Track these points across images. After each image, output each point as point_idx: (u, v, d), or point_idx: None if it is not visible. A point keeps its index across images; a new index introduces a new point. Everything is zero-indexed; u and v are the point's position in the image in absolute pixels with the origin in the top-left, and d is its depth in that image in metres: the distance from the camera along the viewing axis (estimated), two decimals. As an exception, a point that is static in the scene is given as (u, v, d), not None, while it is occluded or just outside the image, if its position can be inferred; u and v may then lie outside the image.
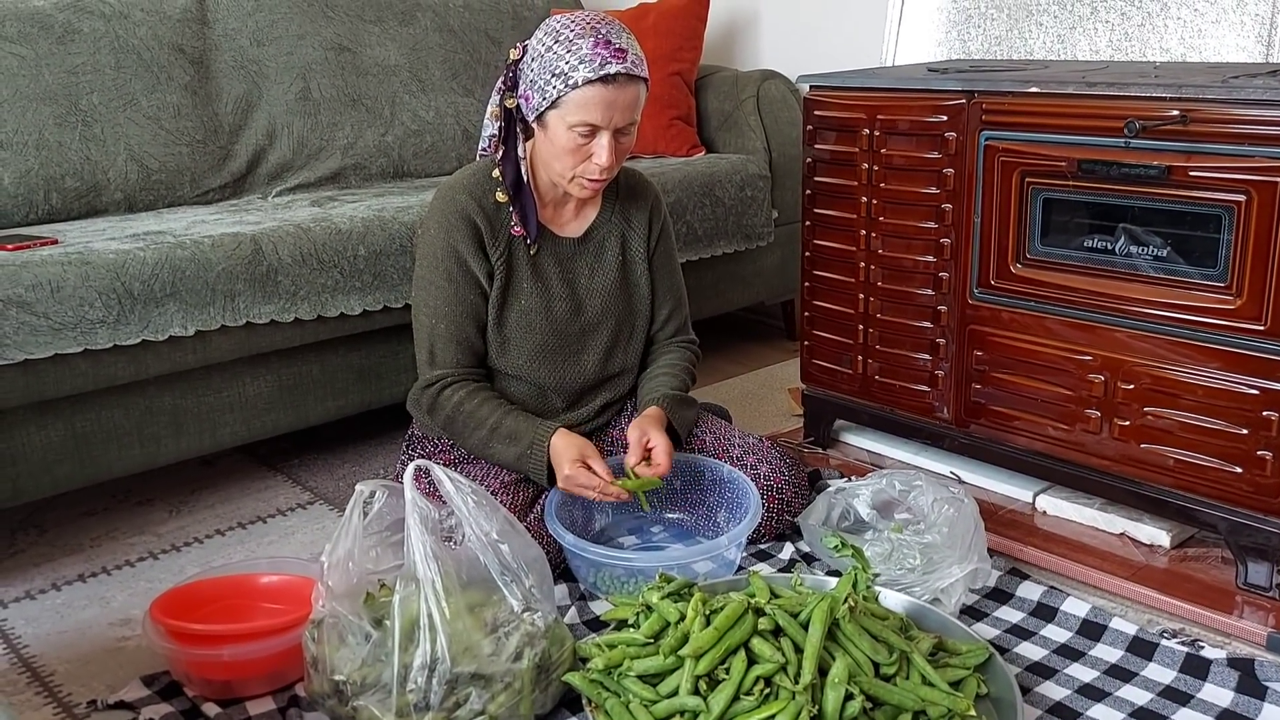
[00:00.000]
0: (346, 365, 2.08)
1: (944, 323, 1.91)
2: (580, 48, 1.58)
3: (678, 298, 1.91)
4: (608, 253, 1.82)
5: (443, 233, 1.72)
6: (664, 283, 1.89)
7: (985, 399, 1.88)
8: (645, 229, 1.85)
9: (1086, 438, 1.76)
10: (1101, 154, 1.65)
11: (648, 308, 1.87)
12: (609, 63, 1.58)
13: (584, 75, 1.58)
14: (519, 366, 1.77)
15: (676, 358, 1.89)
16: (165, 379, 1.87)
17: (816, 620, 1.32)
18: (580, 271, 1.81)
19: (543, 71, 1.61)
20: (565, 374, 1.79)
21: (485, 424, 1.69)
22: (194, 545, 1.90)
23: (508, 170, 1.72)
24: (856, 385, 2.07)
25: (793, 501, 1.79)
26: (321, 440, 2.29)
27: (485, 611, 1.40)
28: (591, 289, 1.81)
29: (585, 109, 1.59)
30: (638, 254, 1.85)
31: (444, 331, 1.73)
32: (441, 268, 1.72)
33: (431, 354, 1.74)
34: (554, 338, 1.78)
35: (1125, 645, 1.52)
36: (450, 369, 1.73)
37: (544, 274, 1.77)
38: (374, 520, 1.48)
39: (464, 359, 1.74)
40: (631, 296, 1.85)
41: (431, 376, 1.74)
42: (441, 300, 1.72)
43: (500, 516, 1.45)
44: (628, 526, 1.87)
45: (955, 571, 1.56)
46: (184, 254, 1.84)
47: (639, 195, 1.86)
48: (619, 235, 1.84)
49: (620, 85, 1.59)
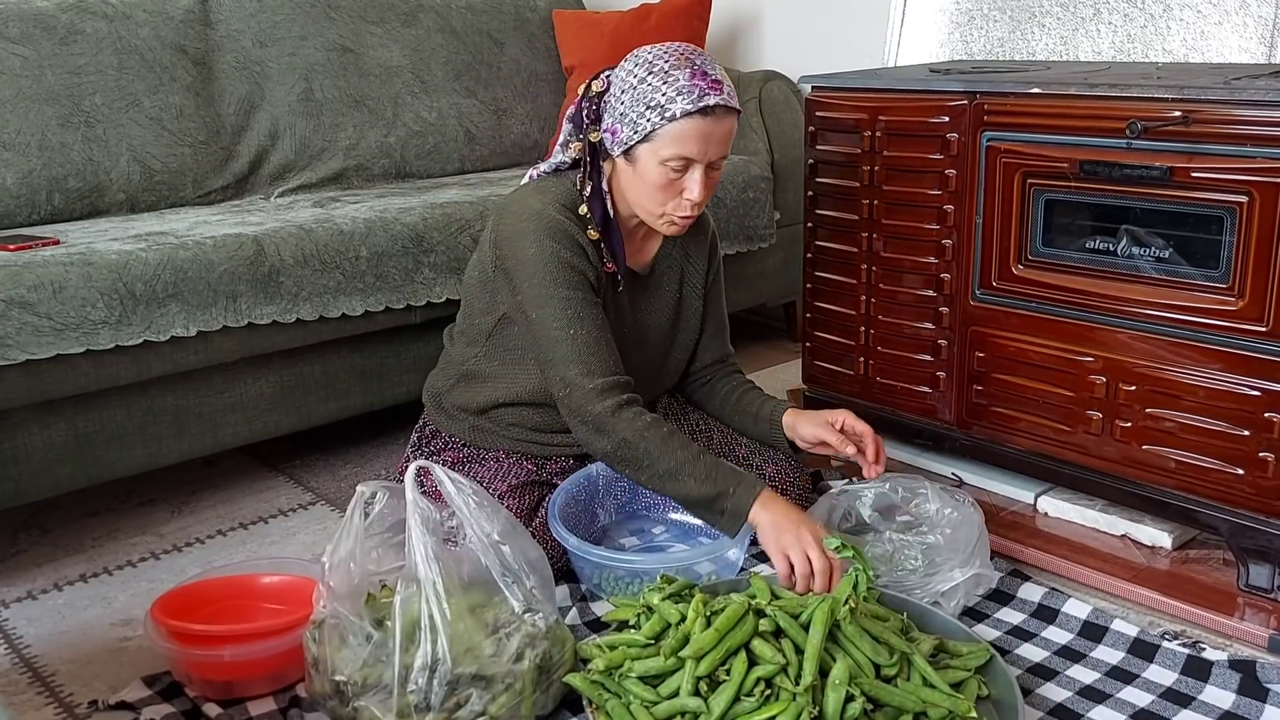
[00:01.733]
0: (348, 366, 2.08)
1: (945, 324, 1.91)
2: (677, 79, 1.54)
3: (724, 327, 1.94)
4: (666, 287, 1.82)
5: (553, 249, 1.61)
6: (715, 316, 1.91)
7: (987, 400, 1.88)
8: (705, 264, 1.85)
9: (1088, 439, 1.75)
10: (1103, 155, 1.65)
11: (694, 341, 1.88)
12: (707, 94, 1.54)
13: (682, 107, 1.53)
14: None
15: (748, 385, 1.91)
16: (167, 379, 1.87)
17: (817, 622, 1.32)
18: (641, 304, 1.80)
19: (635, 104, 1.56)
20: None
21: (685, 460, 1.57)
22: (196, 545, 1.90)
23: (595, 208, 1.66)
24: (858, 386, 2.07)
25: (796, 502, 1.79)
26: (323, 441, 2.30)
27: (486, 613, 1.40)
28: (651, 323, 1.81)
29: (682, 142, 1.55)
30: (694, 289, 1.85)
31: (588, 337, 1.60)
32: (562, 280, 1.61)
33: (585, 363, 1.59)
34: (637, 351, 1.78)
35: (1126, 647, 1.52)
36: (617, 374, 1.61)
37: (620, 308, 1.75)
38: (375, 521, 1.48)
39: (616, 365, 1.62)
40: (681, 331, 1.86)
41: (599, 386, 1.58)
42: (577, 307, 1.61)
43: (502, 517, 1.45)
44: (630, 527, 1.87)
45: (956, 575, 1.56)
46: (186, 255, 1.84)
47: (700, 230, 1.85)
48: (679, 270, 1.83)
49: (718, 118, 1.56)
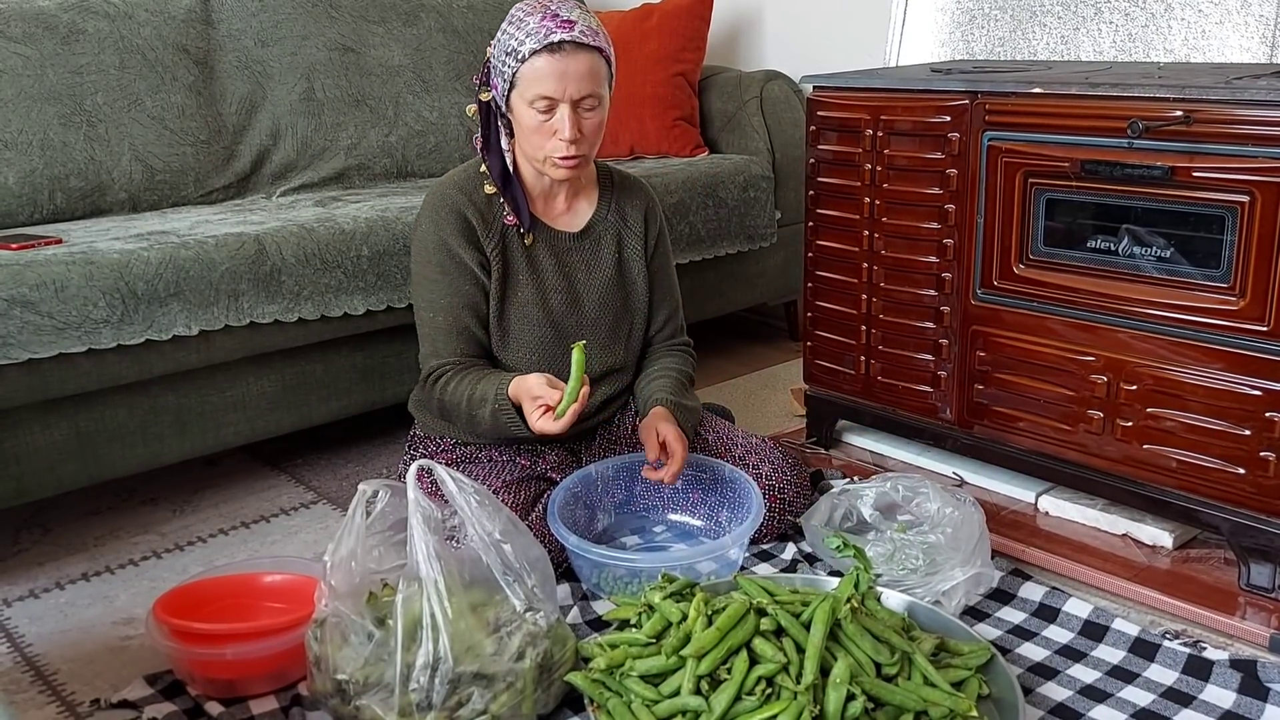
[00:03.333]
0: (350, 365, 2.08)
1: (947, 323, 1.91)
2: (528, 23, 1.62)
3: (674, 302, 1.93)
4: (604, 249, 1.83)
5: (433, 227, 1.74)
6: (662, 286, 1.91)
7: (988, 399, 1.88)
8: (642, 229, 1.86)
9: (1089, 438, 1.75)
10: (1104, 154, 1.65)
11: (645, 306, 1.88)
12: (554, 32, 1.60)
13: (530, 47, 1.61)
14: (519, 360, 1.78)
15: (674, 361, 1.90)
16: (169, 378, 1.87)
17: (818, 620, 1.32)
18: (577, 266, 1.82)
19: (500, 55, 1.66)
20: (564, 366, 1.79)
21: (463, 397, 1.68)
22: (197, 544, 1.90)
23: (493, 164, 1.74)
24: (859, 386, 2.07)
25: (794, 502, 1.79)
26: (325, 440, 2.30)
27: (487, 611, 1.40)
28: (590, 284, 1.82)
29: (538, 81, 1.61)
30: (634, 253, 1.86)
31: (442, 324, 1.74)
32: (434, 261, 1.73)
33: (434, 347, 1.75)
34: (552, 330, 1.78)
35: (1127, 646, 1.52)
36: (450, 357, 1.74)
37: (540, 266, 1.78)
38: (377, 520, 1.48)
39: (465, 348, 1.75)
40: (629, 294, 1.86)
41: (429, 369, 1.75)
42: (437, 294, 1.74)
43: (503, 516, 1.45)
44: (630, 526, 1.87)
45: (958, 574, 1.56)
46: (188, 254, 1.85)
47: (634, 194, 1.88)
48: (615, 233, 1.85)
49: (568, 54, 1.61)
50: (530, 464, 1.80)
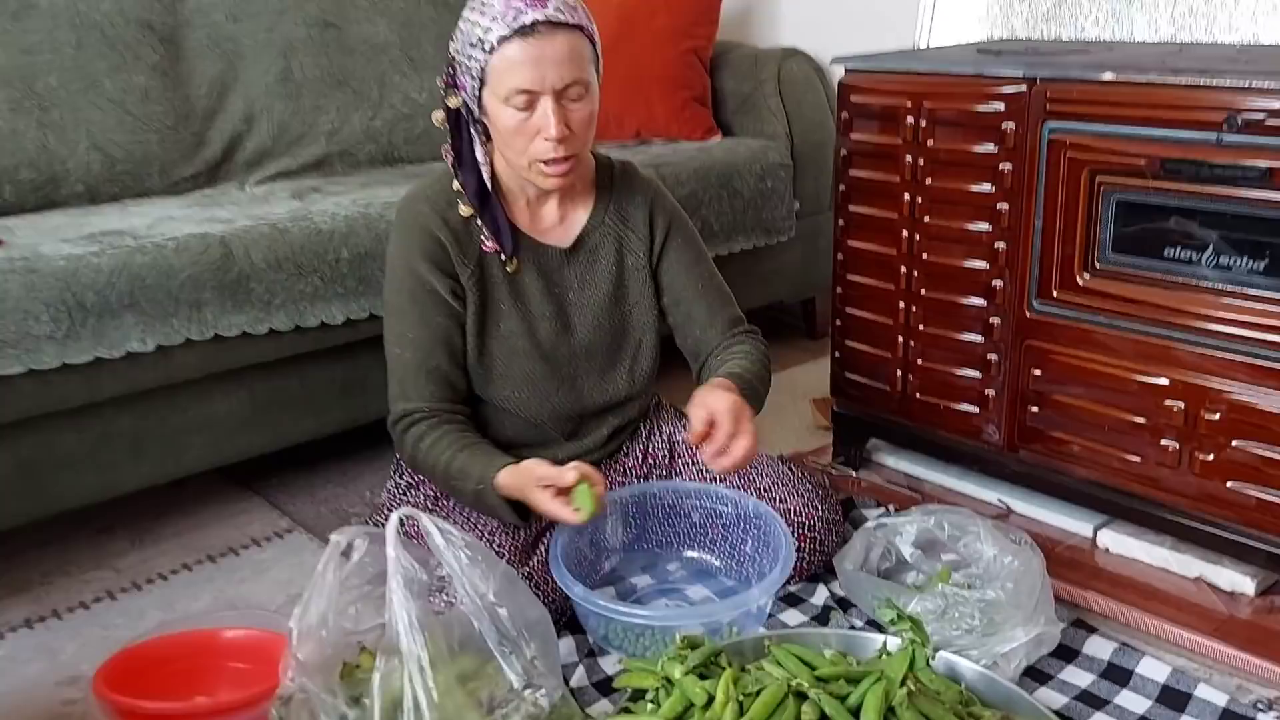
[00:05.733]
0: (329, 379, 1.88)
1: (997, 337, 1.70)
2: (493, 6, 1.39)
3: (717, 295, 1.64)
4: (601, 261, 1.59)
5: (401, 249, 1.52)
6: (692, 284, 1.62)
7: (1042, 423, 1.68)
8: (646, 231, 1.60)
9: (1161, 472, 1.55)
10: (1188, 151, 1.44)
11: (651, 325, 1.62)
12: (524, 12, 1.37)
13: (498, 34, 1.37)
14: (507, 399, 1.56)
15: (742, 347, 1.61)
16: (123, 400, 1.67)
17: (870, 708, 1.13)
18: (569, 285, 1.58)
19: (463, 48, 1.42)
20: (559, 404, 1.58)
21: (439, 462, 1.47)
22: (157, 583, 1.70)
23: (467, 181, 1.50)
24: (894, 403, 1.87)
25: (826, 540, 1.59)
26: (302, 457, 2.09)
27: (480, 688, 1.21)
28: (582, 305, 1.58)
29: (511, 72, 1.38)
30: (637, 263, 1.60)
31: (411, 361, 1.51)
32: (404, 289, 1.51)
33: (402, 388, 1.53)
34: (542, 364, 1.56)
35: (1215, 718, 1.33)
36: (422, 403, 1.51)
37: (525, 292, 1.55)
38: (354, 573, 1.29)
39: (437, 392, 1.52)
40: (629, 313, 1.61)
41: (397, 413, 1.53)
42: (406, 325, 1.51)
43: (499, 573, 1.26)
44: (641, 564, 1.68)
45: (1020, 634, 1.36)
46: (143, 259, 1.64)
47: (635, 190, 1.61)
48: (615, 241, 1.59)
49: (544, 36, 1.38)
50: (531, 499, 1.60)
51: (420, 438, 1.49)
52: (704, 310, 1.63)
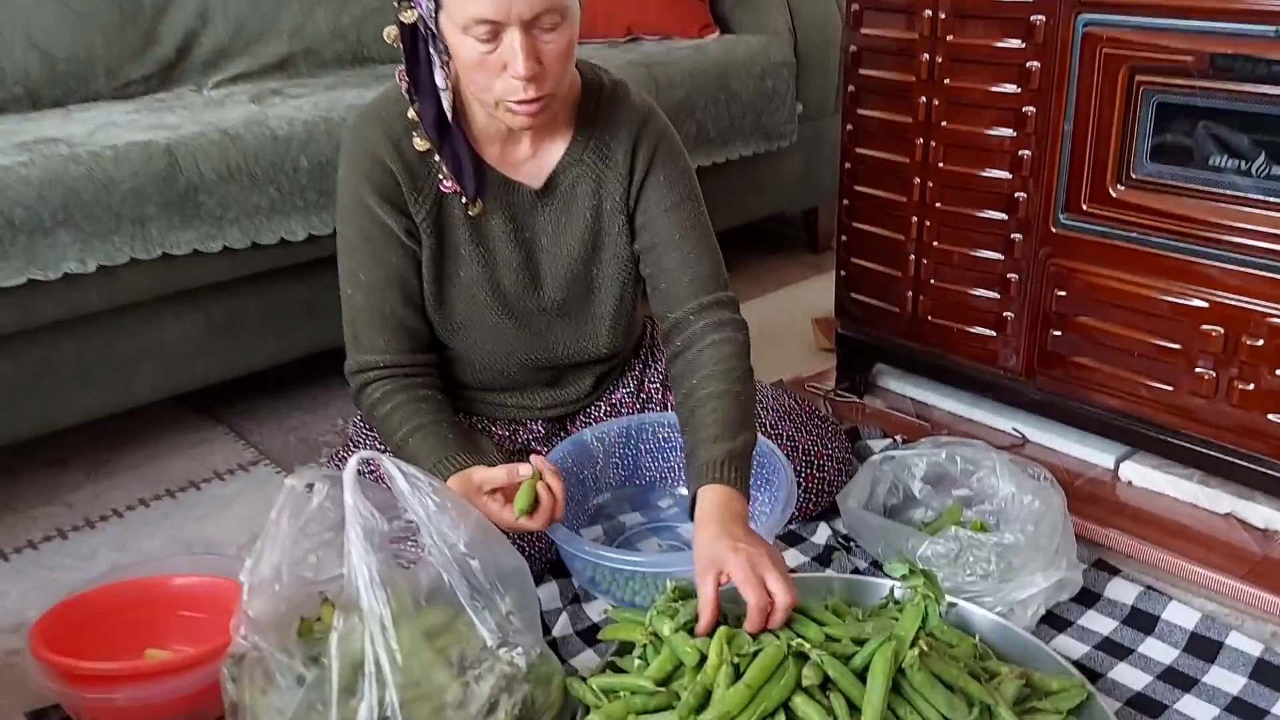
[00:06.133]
0: (291, 300, 1.73)
1: (1018, 255, 1.56)
2: None
3: (695, 244, 1.37)
4: (577, 205, 1.37)
5: (351, 179, 1.32)
6: (667, 228, 1.36)
7: (1064, 348, 1.55)
8: (626, 166, 1.36)
9: (1194, 401, 1.43)
10: (1241, 46, 1.28)
11: (632, 274, 1.41)
12: None
13: None
14: (471, 349, 1.40)
15: (719, 359, 1.31)
16: (64, 325, 1.53)
17: (878, 670, 1.02)
18: (541, 232, 1.37)
19: None
20: (530, 358, 1.42)
21: (391, 434, 1.33)
22: (111, 520, 1.59)
23: (425, 110, 1.27)
24: (904, 326, 1.73)
25: (834, 479, 1.47)
26: (268, 384, 1.96)
27: (449, 645, 1.10)
28: (554, 255, 1.38)
29: (469, 1, 1.14)
30: (615, 204, 1.37)
31: (364, 305, 1.34)
32: (353, 223, 1.33)
33: (355, 334, 1.36)
34: (507, 319, 1.38)
35: (1249, 671, 1.23)
36: (376, 355, 1.35)
37: (489, 237, 1.35)
38: (314, 519, 1.16)
39: (394, 342, 1.35)
40: (606, 265, 1.40)
41: (353, 365, 1.37)
42: (358, 264, 1.34)
43: (470, 521, 1.14)
44: (634, 501, 1.56)
45: (1039, 580, 1.26)
46: (78, 171, 1.48)
47: (620, 119, 1.36)
48: (593, 180, 1.36)
49: None
50: (510, 435, 1.48)
51: (375, 403, 1.34)
52: (676, 260, 1.36)
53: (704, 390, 1.29)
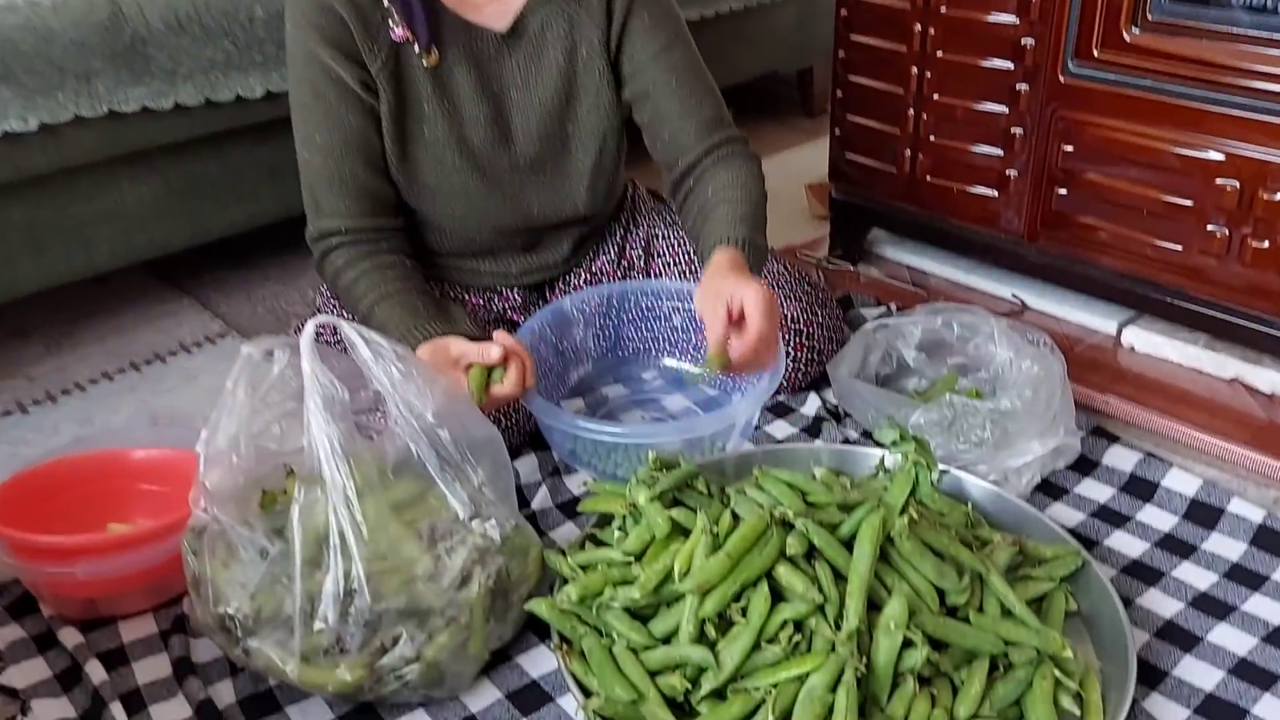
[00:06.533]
0: (253, 162, 1.64)
1: (1024, 106, 1.47)
2: None
3: (693, 87, 1.32)
4: (549, 50, 1.28)
5: (299, 30, 1.22)
6: (661, 74, 1.30)
7: (1069, 207, 1.47)
8: (603, 6, 1.28)
9: (1204, 261, 1.36)
10: None
11: (613, 126, 1.34)
12: None
13: None
14: (439, 214, 1.32)
15: (729, 174, 1.30)
16: (11, 187, 1.44)
17: (865, 539, 0.97)
18: (509, 82, 1.28)
19: None
20: (503, 222, 1.34)
21: (359, 308, 1.26)
22: (74, 394, 1.53)
23: None
24: (901, 187, 1.65)
25: (824, 348, 1.41)
26: (236, 254, 1.88)
27: (419, 517, 1.05)
28: (526, 106, 1.29)
29: None
30: (592, 48, 1.29)
31: (322, 169, 1.26)
32: (305, 81, 1.23)
33: (315, 199, 1.28)
34: (478, 180, 1.29)
35: (1249, 537, 1.19)
36: (339, 220, 1.26)
37: (452, 90, 1.26)
38: (275, 388, 1.10)
39: (355, 207, 1.26)
40: (584, 115, 1.32)
41: (314, 232, 1.29)
42: (313, 126, 1.25)
43: (438, 390, 1.08)
44: (617, 373, 1.50)
45: (1035, 447, 1.21)
46: (14, 20, 1.37)
47: None
48: (565, 21, 1.28)
49: None
50: (484, 304, 1.41)
51: (338, 271, 1.27)
52: (676, 107, 1.31)
53: (719, 196, 1.28)
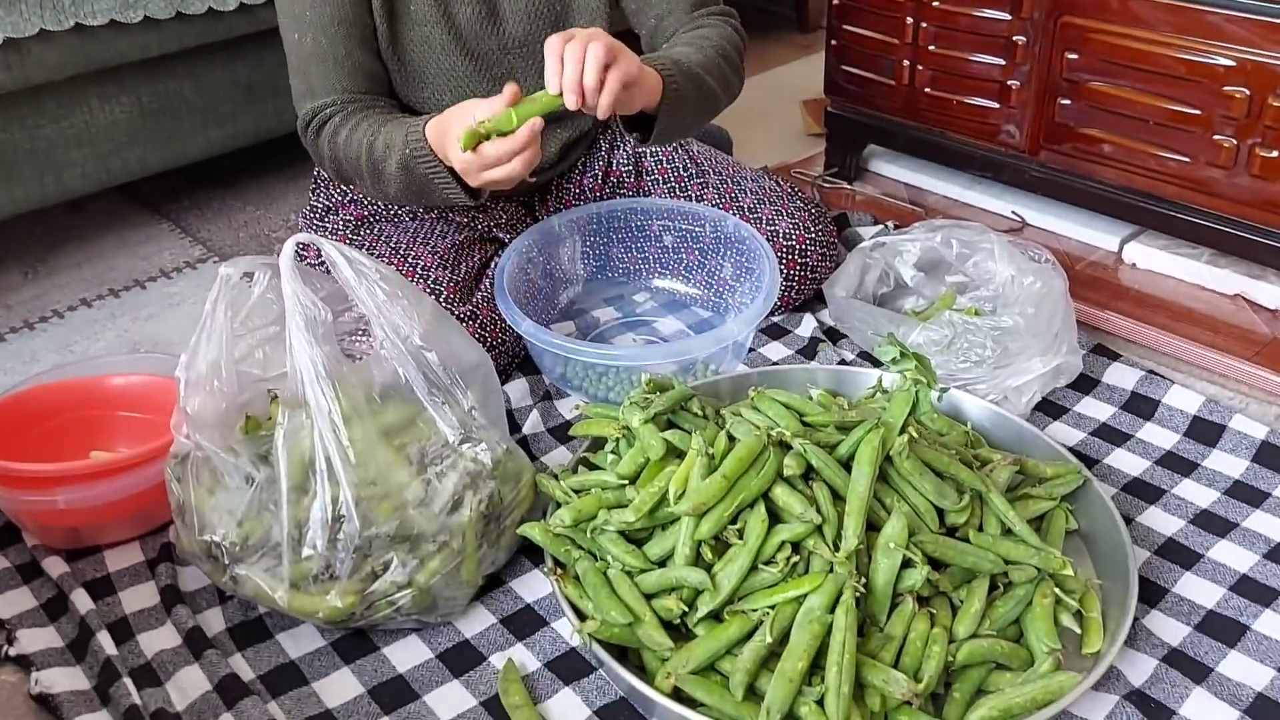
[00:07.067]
0: (229, 81, 1.58)
1: (1026, 13, 1.42)
2: None
3: None
4: None
5: None
6: None
7: (1072, 119, 1.43)
8: None
9: (1210, 173, 1.32)
10: None
11: (601, 7, 1.30)
12: None
13: None
14: (426, 102, 1.28)
15: (705, 31, 1.28)
16: (-26, 107, 1.39)
17: (864, 459, 0.95)
18: None
19: None
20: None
21: (361, 149, 1.18)
22: (52, 321, 1.49)
23: None
24: (900, 101, 1.60)
25: (819, 266, 1.38)
26: (216, 177, 1.83)
27: (408, 443, 1.03)
28: None
29: None
30: None
31: (311, 48, 1.21)
32: None
33: (307, 83, 1.23)
34: (465, 61, 1.26)
35: (1251, 454, 1.17)
36: (333, 96, 1.22)
37: None
38: (256, 310, 1.07)
39: (351, 83, 1.23)
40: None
41: (306, 115, 1.24)
42: (304, 4, 1.20)
43: (425, 311, 1.05)
44: (605, 295, 1.47)
45: (1036, 365, 1.19)
46: (-32, -74, 1.31)
47: None
48: None
49: None
50: (469, 222, 1.36)
51: (336, 131, 1.21)
52: (665, 5, 1.30)
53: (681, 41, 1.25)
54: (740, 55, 1.30)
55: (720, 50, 1.25)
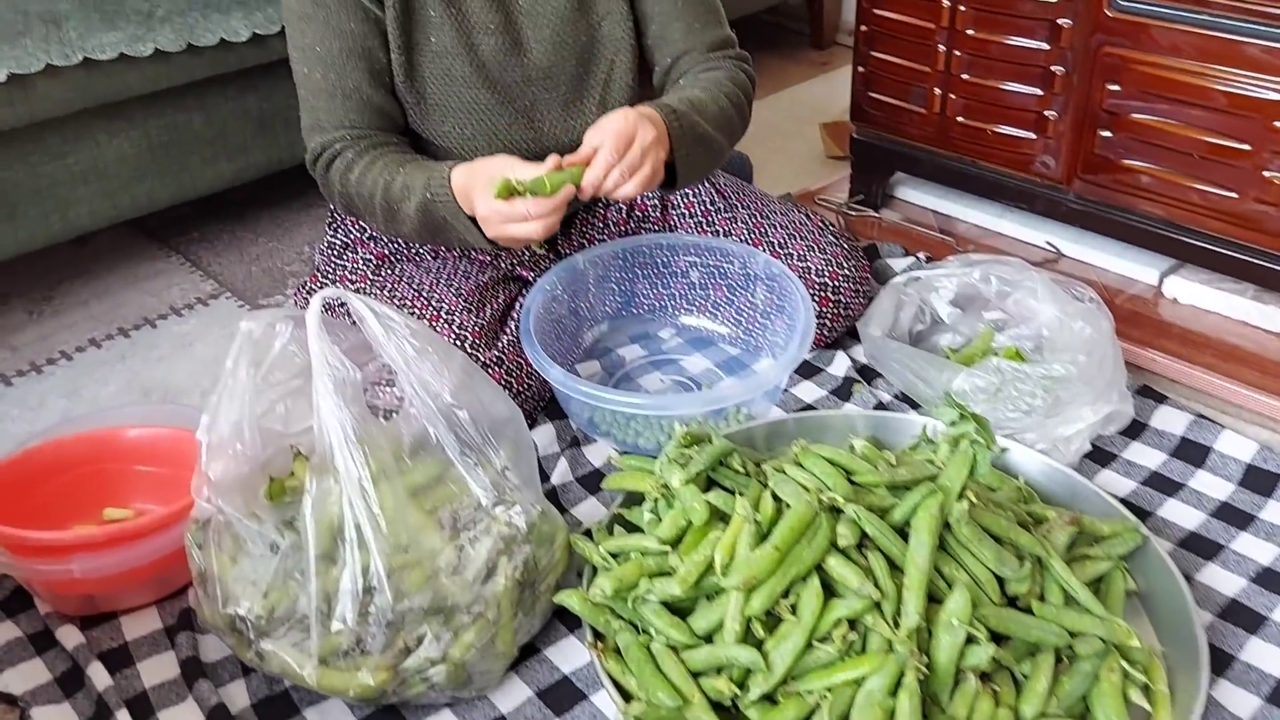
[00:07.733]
0: (240, 113, 1.54)
1: (1065, 43, 1.37)
2: None
3: (700, 9, 1.29)
4: None
5: None
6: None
7: (1112, 151, 1.39)
8: None
9: (1256, 209, 1.28)
10: None
11: (627, 40, 1.27)
12: None
13: None
14: (447, 135, 1.24)
15: (718, 74, 1.27)
16: (-22, 145, 1.34)
17: (922, 528, 0.91)
18: None
19: None
20: (513, 143, 1.25)
21: (377, 188, 1.16)
22: (60, 364, 1.45)
23: None
24: (931, 129, 1.56)
25: (852, 303, 1.33)
26: (226, 210, 1.78)
27: (439, 505, 0.98)
28: (538, 14, 1.23)
29: None
30: None
31: (323, 83, 1.19)
32: None
33: (315, 117, 1.21)
34: (487, 92, 1.22)
35: (1310, 505, 1.13)
36: (341, 131, 1.19)
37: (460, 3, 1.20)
38: (277, 365, 1.02)
39: (359, 118, 1.19)
40: (599, 24, 1.27)
41: (315, 149, 1.21)
42: (312, 36, 1.18)
43: (455, 366, 1.00)
44: (630, 332, 1.42)
45: (1088, 414, 1.14)
46: (-29, -41, 1.26)
47: None
48: None
49: None
50: (492, 260, 1.32)
51: (348, 168, 1.18)
52: (681, 30, 1.28)
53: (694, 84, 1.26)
54: (749, 99, 1.30)
55: (731, 96, 1.25)
